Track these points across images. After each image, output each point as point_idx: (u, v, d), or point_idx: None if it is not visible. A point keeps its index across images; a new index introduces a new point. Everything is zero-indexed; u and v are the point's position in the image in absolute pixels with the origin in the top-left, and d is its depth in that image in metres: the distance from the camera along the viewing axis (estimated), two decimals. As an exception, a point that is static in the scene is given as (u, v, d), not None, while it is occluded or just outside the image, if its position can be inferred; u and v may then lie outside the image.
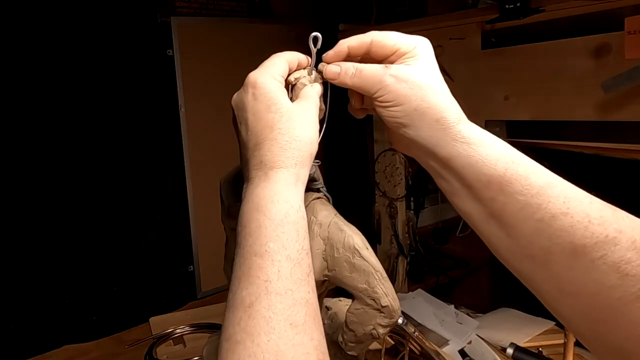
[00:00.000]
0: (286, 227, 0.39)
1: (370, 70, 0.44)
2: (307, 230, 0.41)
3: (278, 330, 0.34)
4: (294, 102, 0.45)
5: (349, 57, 0.48)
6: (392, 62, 0.45)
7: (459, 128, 0.42)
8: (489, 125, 1.09)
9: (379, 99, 0.44)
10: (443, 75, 0.45)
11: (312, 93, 0.47)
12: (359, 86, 0.45)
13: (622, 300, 0.35)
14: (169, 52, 1.29)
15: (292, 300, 0.36)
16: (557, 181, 0.39)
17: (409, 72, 0.43)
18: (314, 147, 0.44)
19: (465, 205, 0.43)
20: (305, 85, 0.49)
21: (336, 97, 0.50)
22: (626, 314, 0.35)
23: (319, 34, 0.48)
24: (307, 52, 0.49)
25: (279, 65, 0.46)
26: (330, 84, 0.50)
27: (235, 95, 0.46)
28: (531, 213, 0.38)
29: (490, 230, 0.42)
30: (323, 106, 0.50)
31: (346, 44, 0.47)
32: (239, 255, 0.39)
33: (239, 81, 0.46)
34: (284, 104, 0.43)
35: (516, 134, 1.06)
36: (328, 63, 0.48)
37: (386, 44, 0.45)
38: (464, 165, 0.41)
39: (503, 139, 0.42)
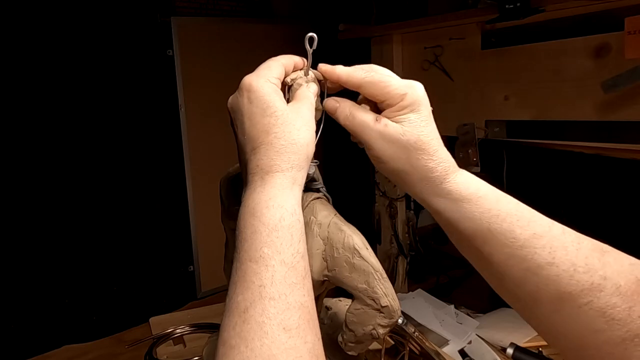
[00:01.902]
0: (280, 231, 0.39)
1: (361, 119, 0.45)
2: (303, 233, 0.41)
3: (271, 334, 0.35)
4: (289, 104, 0.45)
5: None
6: (382, 109, 0.45)
7: (444, 186, 0.43)
8: (489, 125, 1.09)
9: (368, 152, 0.46)
10: (443, 75, 0.45)
11: (307, 94, 0.47)
12: (350, 130, 0.46)
13: (609, 342, 0.36)
14: (169, 52, 1.29)
15: (286, 305, 0.36)
16: (543, 231, 0.40)
17: (395, 131, 0.43)
18: (311, 149, 0.44)
19: (459, 247, 0.46)
20: (302, 86, 0.48)
21: (336, 97, 0.50)
22: (614, 355, 0.36)
23: (314, 35, 0.48)
24: (306, 52, 0.49)
25: (274, 69, 0.46)
26: (327, 84, 0.50)
27: (230, 99, 0.46)
28: (517, 263, 0.40)
29: (483, 274, 0.45)
30: (320, 106, 0.50)
31: (338, 71, 0.47)
32: (236, 259, 0.40)
33: (239, 81, 0.46)
34: (279, 108, 0.43)
35: (516, 134, 1.06)
36: (322, 71, 0.49)
37: (375, 91, 0.45)
38: (449, 218, 0.44)
39: (503, 139, 0.43)
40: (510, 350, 0.92)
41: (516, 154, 1.19)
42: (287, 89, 0.49)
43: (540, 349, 0.96)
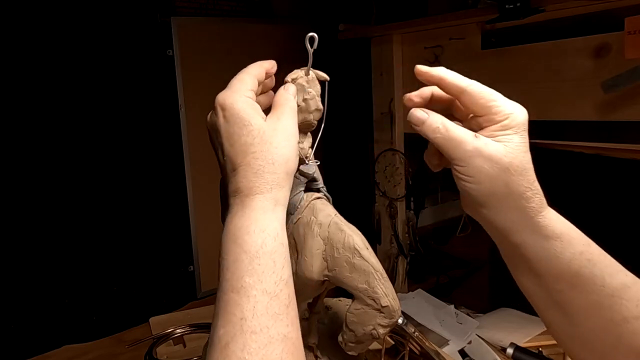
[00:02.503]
0: (262, 258, 0.38)
1: (458, 133, 0.41)
2: (287, 257, 0.40)
3: None
4: (269, 117, 0.44)
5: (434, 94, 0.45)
6: (480, 126, 0.42)
7: (539, 219, 0.39)
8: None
9: (458, 169, 0.41)
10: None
11: (285, 97, 0.45)
12: (440, 145, 0.42)
13: None
14: (169, 52, 1.29)
15: (268, 338, 0.35)
16: (631, 282, 0.39)
17: (497, 150, 0.39)
18: (291, 165, 0.43)
19: (530, 287, 0.42)
20: (302, 86, 0.48)
21: (336, 98, 0.50)
22: None
23: (315, 34, 0.48)
24: (305, 51, 0.48)
25: (246, 82, 0.45)
26: (328, 83, 0.50)
27: (208, 118, 0.45)
28: (601, 311, 0.38)
29: (551, 315, 0.41)
30: (321, 106, 0.50)
31: (439, 72, 0.43)
32: (219, 289, 0.38)
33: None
34: (255, 125, 0.41)
35: (516, 134, 1.06)
36: (419, 72, 0.44)
37: (477, 102, 0.41)
38: (535, 256, 0.40)
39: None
40: (510, 350, 0.92)
41: (516, 154, 1.19)
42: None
43: (540, 349, 0.95)
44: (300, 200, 0.51)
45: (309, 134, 0.51)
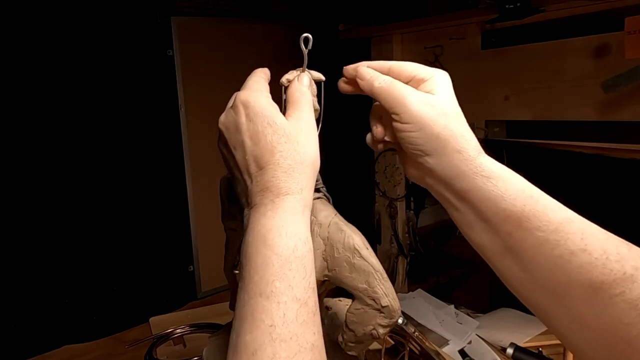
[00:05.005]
0: (294, 263, 0.37)
1: (399, 84, 0.44)
2: (313, 263, 0.40)
3: None
4: (289, 115, 0.44)
5: None
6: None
7: (480, 160, 0.41)
8: (489, 125, 1.09)
9: (398, 118, 0.43)
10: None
11: (301, 90, 0.46)
12: (383, 96, 0.44)
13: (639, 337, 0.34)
14: (169, 52, 1.29)
15: (297, 347, 0.35)
16: (574, 217, 0.39)
17: (434, 97, 0.43)
18: (317, 166, 0.43)
19: (480, 238, 0.43)
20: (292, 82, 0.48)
21: (335, 97, 0.50)
22: None
23: (309, 35, 0.48)
24: (302, 53, 0.48)
25: (262, 82, 0.45)
26: (323, 83, 0.50)
27: (223, 117, 0.44)
28: (550, 249, 0.38)
29: (504, 264, 0.42)
30: (317, 106, 0.49)
31: (366, 63, 0.47)
32: (243, 291, 0.37)
33: (239, 81, 0.46)
34: (279, 124, 0.41)
35: (516, 134, 1.06)
36: (347, 76, 0.49)
37: (405, 69, 0.45)
38: (482, 199, 0.41)
39: (503, 139, 0.43)
40: (510, 350, 0.92)
41: (516, 154, 1.19)
42: (284, 90, 0.48)
43: (540, 349, 0.96)
44: (300, 200, 0.51)
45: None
